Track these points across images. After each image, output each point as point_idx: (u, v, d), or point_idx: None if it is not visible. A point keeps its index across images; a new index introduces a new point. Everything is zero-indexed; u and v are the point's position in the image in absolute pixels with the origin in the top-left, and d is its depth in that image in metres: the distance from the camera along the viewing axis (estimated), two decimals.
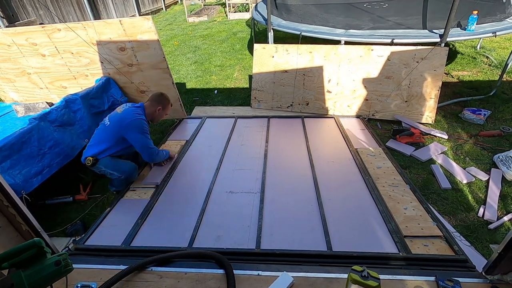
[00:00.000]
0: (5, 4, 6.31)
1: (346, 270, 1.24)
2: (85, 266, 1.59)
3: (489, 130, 3.28)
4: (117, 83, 3.34)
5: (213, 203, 2.27)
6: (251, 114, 3.89)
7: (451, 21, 3.33)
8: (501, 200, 2.41)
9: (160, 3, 12.72)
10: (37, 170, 2.38)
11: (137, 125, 2.38)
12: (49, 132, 2.53)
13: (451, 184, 2.59)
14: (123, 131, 2.38)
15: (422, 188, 2.57)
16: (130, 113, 2.42)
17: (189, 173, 2.72)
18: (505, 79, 4.35)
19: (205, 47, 7.16)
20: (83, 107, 2.86)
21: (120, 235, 1.97)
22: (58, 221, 2.48)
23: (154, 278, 1.50)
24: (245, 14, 9.90)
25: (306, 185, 2.40)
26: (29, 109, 3.31)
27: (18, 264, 0.98)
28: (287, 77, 3.87)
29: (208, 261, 1.59)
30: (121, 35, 2.98)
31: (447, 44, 3.65)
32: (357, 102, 3.68)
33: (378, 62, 3.50)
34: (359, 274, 1.15)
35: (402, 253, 1.71)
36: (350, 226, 1.99)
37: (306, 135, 3.19)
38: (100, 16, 9.26)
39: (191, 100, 4.58)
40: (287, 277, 1.44)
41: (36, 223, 1.51)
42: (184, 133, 3.41)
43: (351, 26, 4.25)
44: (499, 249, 1.32)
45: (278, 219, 2.06)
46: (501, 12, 4.03)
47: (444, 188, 2.55)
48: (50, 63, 3.27)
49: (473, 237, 2.13)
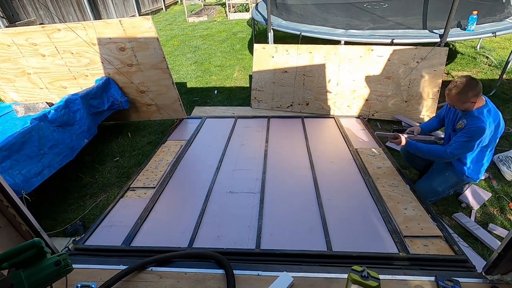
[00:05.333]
0: (5, 4, 6.31)
1: (346, 270, 1.24)
2: (85, 266, 1.59)
3: None
4: (117, 83, 3.34)
5: (213, 203, 2.26)
6: (251, 114, 3.89)
7: (451, 21, 3.34)
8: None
9: (160, 3, 12.72)
10: (37, 170, 2.37)
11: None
12: (49, 132, 2.53)
13: None
14: None
15: None
16: None
17: (189, 173, 2.72)
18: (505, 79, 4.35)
19: (205, 47, 7.16)
20: (82, 107, 2.86)
21: (120, 235, 1.97)
22: (58, 221, 2.48)
23: (154, 278, 1.50)
24: (245, 14, 9.90)
25: (306, 185, 2.40)
26: (29, 109, 3.31)
27: (18, 264, 0.98)
28: (287, 77, 3.87)
29: (208, 261, 1.59)
30: (121, 35, 2.98)
31: (447, 44, 3.66)
32: (357, 102, 3.68)
33: (378, 62, 3.50)
34: (359, 274, 1.15)
35: (402, 253, 1.71)
36: (350, 226, 1.99)
37: (306, 135, 3.18)
38: (100, 16, 9.26)
39: (191, 100, 4.58)
40: (287, 277, 1.44)
41: (36, 223, 1.51)
42: (184, 133, 3.41)
43: (351, 26, 4.25)
44: (499, 249, 1.32)
45: (278, 219, 2.06)
46: (501, 12, 4.04)
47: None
48: (50, 63, 3.27)
49: (473, 237, 2.13)
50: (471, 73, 4.71)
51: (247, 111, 4.05)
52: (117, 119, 3.75)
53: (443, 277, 1.41)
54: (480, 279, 1.45)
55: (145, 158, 3.04)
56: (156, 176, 2.60)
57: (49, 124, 2.55)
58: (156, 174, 2.63)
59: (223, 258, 1.53)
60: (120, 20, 2.92)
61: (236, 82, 5.17)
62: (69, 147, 2.69)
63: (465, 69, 4.89)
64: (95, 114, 3.11)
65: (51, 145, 2.52)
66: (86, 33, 3.00)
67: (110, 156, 3.34)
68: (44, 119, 2.52)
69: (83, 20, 8.05)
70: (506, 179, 2.63)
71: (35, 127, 2.41)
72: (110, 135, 3.69)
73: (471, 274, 1.51)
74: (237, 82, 5.16)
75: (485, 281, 1.43)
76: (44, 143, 2.47)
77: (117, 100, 3.30)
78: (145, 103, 3.54)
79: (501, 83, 4.09)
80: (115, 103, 3.30)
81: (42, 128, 2.47)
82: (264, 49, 3.93)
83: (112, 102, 3.27)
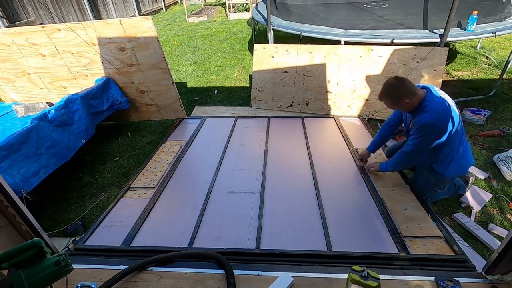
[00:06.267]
0: (5, 4, 6.31)
1: (346, 270, 1.24)
2: (85, 266, 1.60)
3: (489, 130, 3.28)
4: (117, 83, 3.34)
5: (213, 203, 2.26)
6: (251, 114, 3.89)
7: (451, 21, 3.33)
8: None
9: (160, 3, 12.72)
10: (34, 171, 2.37)
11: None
12: (48, 132, 2.53)
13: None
14: None
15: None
16: None
17: (189, 173, 2.72)
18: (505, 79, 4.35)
19: (205, 47, 7.16)
20: (82, 107, 2.86)
21: (120, 235, 1.97)
22: (58, 221, 2.48)
23: (154, 278, 1.50)
24: (245, 14, 9.90)
25: (306, 185, 2.40)
26: (29, 109, 3.31)
27: (18, 264, 0.98)
28: (287, 77, 3.87)
29: (208, 261, 1.59)
30: (121, 35, 2.98)
31: (447, 44, 3.66)
32: (357, 102, 3.68)
33: (378, 62, 3.50)
34: (359, 274, 1.16)
35: (402, 253, 1.71)
36: (350, 226, 1.99)
37: (306, 135, 3.18)
38: (100, 16, 9.26)
39: (191, 100, 4.58)
40: (287, 277, 1.45)
41: (36, 223, 1.51)
42: (184, 133, 3.41)
43: (351, 26, 4.25)
44: (499, 249, 1.32)
45: (278, 219, 2.06)
46: (501, 12, 4.03)
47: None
48: (50, 63, 3.27)
49: (473, 237, 2.13)
50: (471, 73, 4.71)
51: (247, 111, 4.04)
52: (117, 119, 3.75)
53: (443, 277, 1.41)
54: (480, 279, 1.45)
55: (145, 158, 3.04)
56: (156, 176, 2.60)
57: (48, 124, 2.55)
58: (156, 174, 2.63)
59: (223, 258, 1.53)
60: (120, 20, 2.92)
61: (236, 82, 5.16)
62: (66, 148, 2.69)
63: (465, 69, 4.88)
64: (94, 114, 3.11)
65: (49, 146, 2.52)
66: (86, 33, 3.00)
67: (110, 156, 3.34)
68: (44, 118, 2.52)
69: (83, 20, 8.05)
70: (506, 179, 2.63)
71: (34, 127, 2.41)
72: (110, 135, 3.69)
73: (471, 274, 1.51)
74: (237, 82, 5.16)
75: (485, 281, 1.43)
76: (42, 143, 2.47)
77: (117, 100, 3.30)
78: (145, 103, 3.54)
79: (501, 83, 4.09)
80: (115, 103, 3.30)
81: (41, 128, 2.46)
82: (264, 49, 3.93)
83: (112, 102, 3.27)
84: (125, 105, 3.38)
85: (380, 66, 3.50)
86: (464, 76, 4.64)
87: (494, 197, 2.46)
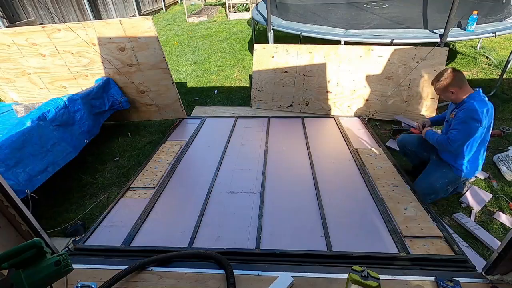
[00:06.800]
0: (5, 4, 6.31)
1: (346, 270, 1.24)
2: (85, 266, 1.60)
3: None
4: (117, 83, 3.34)
5: (213, 203, 2.26)
6: (251, 114, 3.89)
7: (451, 21, 3.33)
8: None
9: (160, 3, 12.71)
10: (42, 168, 2.39)
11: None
12: (49, 131, 2.54)
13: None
14: None
15: None
16: None
17: (189, 173, 2.72)
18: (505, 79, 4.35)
19: (205, 47, 7.16)
20: (83, 108, 2.86)
21: (120, 235, 1.97)
22: (58, 221, 2.48)
23: (154, 278, 1.50)
24: (245, 14, 9.90)
25: (306, 185, 2.40)
26: (29, 109, 3.30)
27: (18, 264, 0.98)
28: (287, 77, 3.87)
29: (208, 261, 1.59)
30: (121, 35, 2.98)
31: (447, 44, 3.66)
32: (357, 102, 3.68)
33: (378, 62, 3.50)
34: (359, 274, 1.15)
35: (402, 253, 1.71)
36: (350, 226, 1.99)
37: (306, 135, 3.18)
38: (100, 16, 9.26)
39: (191, 100, 4.58)
40: (287, 277, 1.45)
41: (36, 223, 1.51)
42: (184, 133, 3.41)
43: (351, 26, 4.25)
44: (499, 249, 1.32)
45: (278, 219, 2.06)
46: (501, 12, 4.03)
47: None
48: (50, 63, 3.27)
49: (473, 237, 2.13)
50: (471, 73, 4.71)
51: (247, 111, 4.04)
52: (117, 119, 3.75)
53: (443, 277, 1.41)
54: (480, 279, 1.45)
55: (145, 158, 3.04)
56: (156, 176, 2.60)
57: (48, 124, 2.56)
58: (156, 174, 2.63)
59: (223, 258, 1.53)
60: (120, 20, 2.92)
61: (236, 82, 5.16)
62: (71, 145, 2.71)
63: (465, 69, 4.88)
64: (97, 114, 3.12)
65: (53, 143, 2.54)
66: (86, 33, 3.00)
67: (110, 156, 3.34)
68: (43, 118, 2.52)
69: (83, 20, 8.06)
70: (506, 179, 2.63)
71: (34, 127, 2.41)
72: (110, 135, 3.69)
73: (471, 274, 1.51)
74: (237, 82, 5.16)
75: (485, 281, 1.43)
76: (45, 141, 2.48)
77: (117, 100, 3.30)
78: (145, 103, 3.54)
79: (501, 83, 4.09)
80: (115, 103, 3.30)
81: (41, 127, 2.47)
82: (264, 49, 3.93)
83: (112, 102, 3.27)
84: (125, 105, 3.38)
85: (380, 66, 3.50)
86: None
87: (494, 197, 2.46)
